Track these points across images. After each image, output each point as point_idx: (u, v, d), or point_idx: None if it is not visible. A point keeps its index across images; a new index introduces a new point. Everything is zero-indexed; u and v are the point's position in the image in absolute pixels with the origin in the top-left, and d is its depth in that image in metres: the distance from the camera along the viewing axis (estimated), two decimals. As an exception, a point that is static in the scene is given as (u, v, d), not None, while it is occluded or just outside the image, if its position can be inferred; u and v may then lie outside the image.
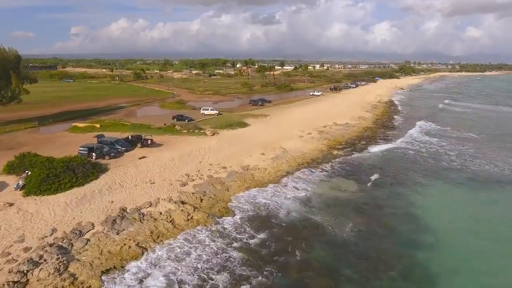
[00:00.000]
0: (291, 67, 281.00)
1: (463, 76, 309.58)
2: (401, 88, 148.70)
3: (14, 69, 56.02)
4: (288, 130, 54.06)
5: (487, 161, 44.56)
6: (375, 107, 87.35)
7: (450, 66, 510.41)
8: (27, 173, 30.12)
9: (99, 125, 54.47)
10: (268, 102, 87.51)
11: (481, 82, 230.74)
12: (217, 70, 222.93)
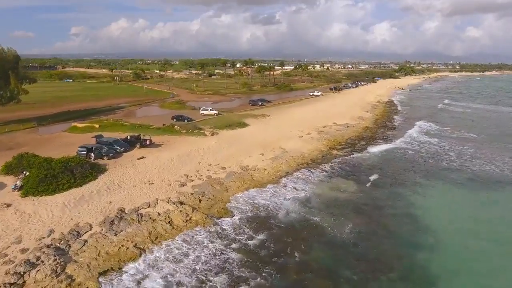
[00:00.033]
0: (291, 67, 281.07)
1: (463, 76, 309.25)
2: (401, 88, 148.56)
3: (13, 69, 56.00)
4: (288, 130, 53.93)
5: (487, 162, 44.43)
6: (375, 107, 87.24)
7: (450, 66, 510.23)
8: (25, 174, 30.02)
9: (98, 125, 54.36)
10: (268, 102, 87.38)
11: (481, 82, 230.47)
12: (217, 70, 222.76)
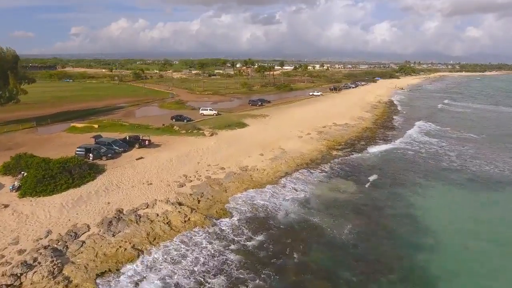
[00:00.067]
0: (291, 67, 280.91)
1: (463, 76, 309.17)
2: (401, 88, 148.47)
3: (12, 69, 55.83)
4: (287, 131, 53.80)
5: (487, 162, 44.29)
6: (375, 107, 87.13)
7: (450, 66, 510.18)
8: (23, 174, 29.87)
9: (97, 126, 54.22)
10: (268, 102, 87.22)
11: (481, 82, 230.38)
12: (217, 70, 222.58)
